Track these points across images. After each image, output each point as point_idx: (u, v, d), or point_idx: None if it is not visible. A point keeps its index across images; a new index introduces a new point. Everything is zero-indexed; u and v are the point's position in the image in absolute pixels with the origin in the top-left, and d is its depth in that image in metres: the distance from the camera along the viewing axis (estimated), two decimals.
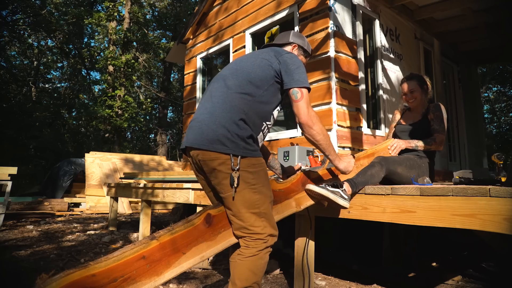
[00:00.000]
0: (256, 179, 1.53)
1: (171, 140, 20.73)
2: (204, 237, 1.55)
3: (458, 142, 5.77)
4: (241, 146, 1.49)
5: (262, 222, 1.53)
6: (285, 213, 1.84)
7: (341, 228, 3.71)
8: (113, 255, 1.34)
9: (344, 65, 3.63)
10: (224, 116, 1.51)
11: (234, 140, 1.48)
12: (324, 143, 1.65)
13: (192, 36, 5.94)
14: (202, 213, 1.59)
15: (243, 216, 1.52)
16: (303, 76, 1.62)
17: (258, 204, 1.53)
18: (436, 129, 2.49)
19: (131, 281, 1.33)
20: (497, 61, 9.57)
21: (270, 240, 1.55)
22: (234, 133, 1.49)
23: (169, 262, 1.44)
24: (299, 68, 1.62)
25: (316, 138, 1.61)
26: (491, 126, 19.61)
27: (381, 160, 2.19)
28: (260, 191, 1.54)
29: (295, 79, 1.60)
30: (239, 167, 1.47)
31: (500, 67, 15.84)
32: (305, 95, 1.59)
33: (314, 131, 1.59)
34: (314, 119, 1.58)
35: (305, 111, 1.57)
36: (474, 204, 1.57)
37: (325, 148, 1.67)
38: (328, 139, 1.66)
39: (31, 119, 15.27)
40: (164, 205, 8.22)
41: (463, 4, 4.46)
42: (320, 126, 1.61)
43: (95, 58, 17.95)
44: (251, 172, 1.52)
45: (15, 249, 3.71)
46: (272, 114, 1.69)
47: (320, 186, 1.80)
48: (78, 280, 1.22)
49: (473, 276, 2.84)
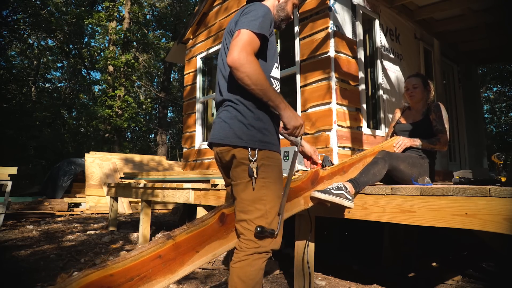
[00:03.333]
0: (267, 172, 1.42)
1: (171, 140, 20.73)
2: (217, 235, 1.58)
3: (458, 142, 5.77)
4: (256, 138, 1.43)
5: (262, 223, 1.41)
6: (294, 210, 1.86)
7: (341, 228, 3.71)
8: (130, 254, 1.37)
9: (344, 65, 3.63)
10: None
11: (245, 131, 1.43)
12: (257, 88, 1.34)
13: (192, 36, 5.94)
14: (216, 212, 1.61)
15: (246, 208, 1.42)
16: (248, 18, 1.40)
17: (264, 200, 1.41)
18: (439, 129, 2.50)
19: (147, 279, 1.37)
20: (497, 61, 9.57)
21: (264, 245, 1.40)
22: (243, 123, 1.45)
23: (183, 260, 1.48)
24: (249, 13, 1.43)
25: (246, 82, 1.32)
26: (491, 126, 19.61)
27: (385, 156, 2.20)
28: (269, 186, 1.43)
29: (239, 23, 1.41)
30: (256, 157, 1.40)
31: (500, 67, 15.84)
32: (241, 35, 1.35)
33: (241, 74, 1.31)
34: (244, 60, 1.30)
35: (234, 51, 1.32)
36: (474, 204, 1.57)
37: (262, 95, 1.36)
38: (263, 82, 1.34)
39: (31, 119, 15.28)
40: (164, 205, 8.23)
41: (463, 4, 4.46)
42: (251, 68, 1.31)
43: (95, 58, 17.96)
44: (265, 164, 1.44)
45: (15, 249, 3.71)
46: (270, 78, 1.52)
47: (324, 192, 1.82)
48: (97, 280, 1.26)
49: (473, 276, 2.84)
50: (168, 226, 5.38)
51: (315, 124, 3.57)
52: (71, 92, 20.69)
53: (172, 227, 4.70)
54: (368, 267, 3.17)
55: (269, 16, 1.47)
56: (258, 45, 1.40)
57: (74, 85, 20.64)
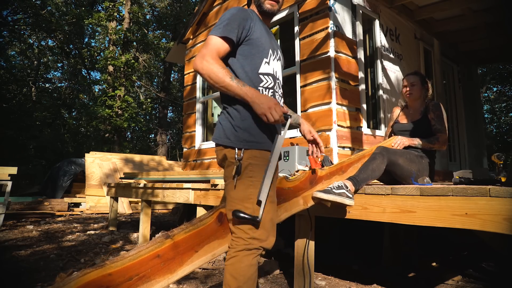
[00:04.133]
0: (254, 172, 1.45)
1: (171, 140, 20.73)
2: (216, 235, 1.58)
3: (458, 142, 5.77)
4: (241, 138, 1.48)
5: (250, 222, 1.43)
6: (293, 210, 1.86)
7: (341, 228, 3.71)
8: (129, 254, 1.37)
9: (344, 65, 3.64)
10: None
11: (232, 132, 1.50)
12: (220, 86, 1.40)
13: (192, 36, 5.94)
14: (214, 212, 1.61)
15: (235, 207, 1.45)
16: (216, 25, 1.49)
17: (252, 199, 1.44)
18: (438, 128, 2.50)
19: (146, 279, 1.37)
20: (497, 61, 9.57)
21: (253, 243, 1.42)
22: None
23: (182, 260, 1.48)
24: (219, 20, 1.51)
25: (210, 82, 1.41)
26: (491, 126, 19.61)
27: (382, 150, 2.20)
28: (256, 185, 1.45)
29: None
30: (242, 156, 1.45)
31: (500, 67, 15.84)
32: (207, 40, 1.47)
33: (204, 76, 1.41)
34: (202, 64, 1.40)
35: (196, 57, 1.44)
36: (474, 204, 1.57)
37: (227, 91, 1.41)
38: (223, 80, 1.38)
39: (31, 119, 15.28)
40: (164, 205, 8.23)
41: (463, 4, 4.46)
42: (209, 69, 1.39)
43: (95, 58, 17.95)
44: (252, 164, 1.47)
45: (15, 249, 3.71)
46: (259, 75, 1.53)
47: (326, 191, 1.81)
48: (95, 279, 1.26)
49: (473, 276, 2.84)
50: (168, 226, 5.38)
51: (315, 124, 3.57)
52: (71, 92, 20.69)
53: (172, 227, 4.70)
54: (368, 267, 3.17)
55: (238, 17, 1.49)
56: (224, 48, 1.47)
57: (74, 85, 20.64)
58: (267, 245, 1.46)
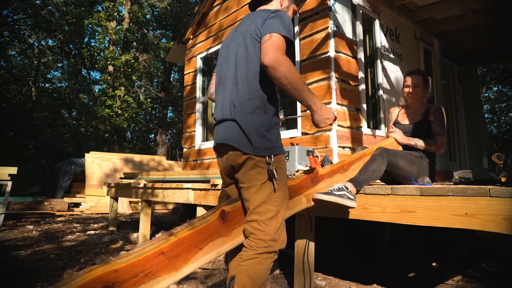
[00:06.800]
0: (279, 175, 1.51)
1: (171, 140, 20.75)
2: (219, 233, 1.59)
3: (458, 142, 5.77)
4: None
5: (273, 223, 1.48)
6: (296, 209, 1.86)
7: (341, 228, 3.71)
8: (134, 251, 1.37)
9: (344, 65, 3.63)
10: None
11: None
12: (293, 88, 1.39)
13: (192, 36, 5.94)
14: (216, 210, 1.62)
15: (258, 209, 1.48)
16: (276, 24, 1.44)
17: (276, 202, 1.49)
18: (437, 131, 2.50)
19: (152, 276, 1.37)
20: (497, 61, 9.56)
21: (273, 245, 1.47)
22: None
23: (187, 258, 1.48)
24: (276, 19, 1.47)
25: (283, 82, 1.36)
26: (491, 126, 19.62)
27: (382, 151, 2.20)
28: (280, 188, 1.51)
29: (268, 28, 1.44)
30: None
31: (500, 67, 15.83)
32: (274, 37, 1.39)
33: (279, 74, 1.35)
34: (282, 60, 1.35)
35: (269, 52, 1.35)
36: (474, 204, 1.57)
37: (296, 95, 1.42)
38: (299, 83, 1.40)
39: (31, 119, 15.28)
40: (164, 205, 8.23)
41: (463, 4, 4.46)
42: (287, 68, 1.35)
43: (95, 58, 17.95)
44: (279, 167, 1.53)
45: (15, 249, 3.71)
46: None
47: (327, 193, 1.82)
48: (102, 275, 1.26)
49: (473, 276, 2.84)
50: (168, 226, 5.38)
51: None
52: (71, 92, 20.67)
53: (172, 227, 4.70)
54: (368, 267, 3.17)
55: (291, 24, 1.54)
56: (285, 49, 1.44)
57: (74, 85, 20.63)
58: (284, 245, 1.54)
